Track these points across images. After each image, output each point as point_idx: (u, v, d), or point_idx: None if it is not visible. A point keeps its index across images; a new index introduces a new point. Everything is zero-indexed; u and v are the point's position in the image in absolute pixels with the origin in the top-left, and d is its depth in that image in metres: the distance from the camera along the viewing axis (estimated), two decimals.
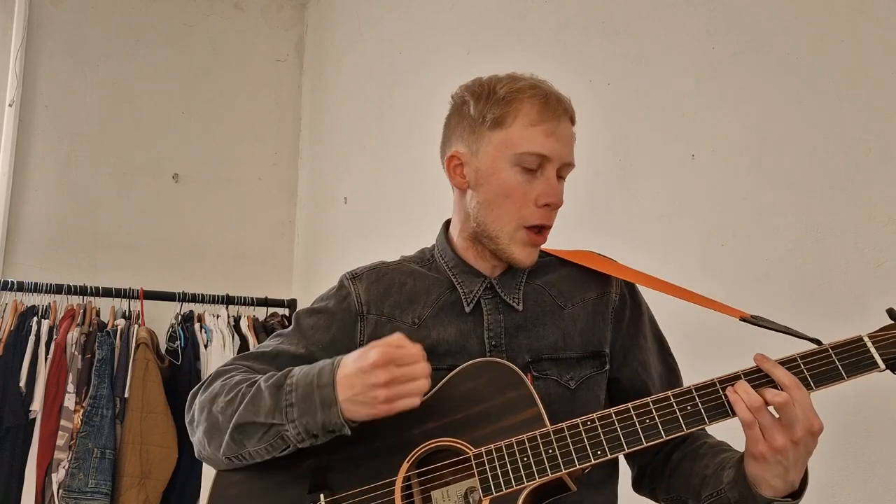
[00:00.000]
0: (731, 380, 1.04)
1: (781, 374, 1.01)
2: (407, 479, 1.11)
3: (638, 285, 1.31)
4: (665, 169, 2.07)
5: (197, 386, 1.26)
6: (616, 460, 1.26)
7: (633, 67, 2.20)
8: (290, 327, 1.29)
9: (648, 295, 1.32)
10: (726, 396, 1.03)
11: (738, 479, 1.06)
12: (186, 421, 1.25)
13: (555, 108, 1.18)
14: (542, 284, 1.25)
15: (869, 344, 1.02)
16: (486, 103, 1.19)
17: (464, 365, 1.15)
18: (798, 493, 1.05)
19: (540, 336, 1.21)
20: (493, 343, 1.20)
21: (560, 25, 2.45)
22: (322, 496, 1.12)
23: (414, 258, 1.32)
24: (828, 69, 1.72)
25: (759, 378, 1.03)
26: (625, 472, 1.29)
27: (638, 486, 1.31)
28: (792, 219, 1.76)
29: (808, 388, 1.01)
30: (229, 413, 1.15)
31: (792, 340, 1.11)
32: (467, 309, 1.22)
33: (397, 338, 1.08)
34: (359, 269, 1.31)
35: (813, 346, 1.05)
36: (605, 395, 1.25)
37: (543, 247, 1.29)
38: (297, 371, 1.14)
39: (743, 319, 1.17)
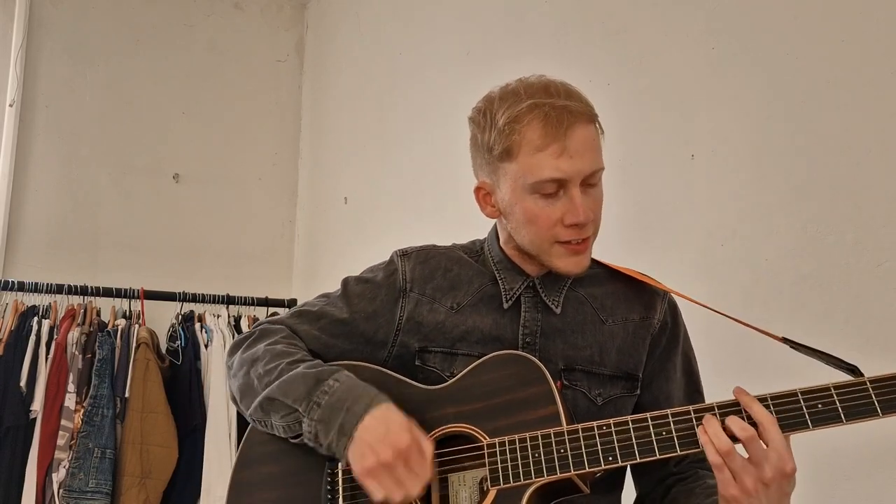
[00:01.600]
0: (729, 405, 1.03)
1: (758, 411, 1.00)
2: None
3: (680, 310, 1.29)
4: (665, 169, 2.08)
5: (241, 336, 1.30)
6: (623, 468, 1.26)
7: (633, 67, 2.20)
8: (337, 291, 1.31)
9: (689, 312, 1.30)
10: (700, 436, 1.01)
11: None
12: (226, 364, 1.30)
13: (557, 124, 1.11)
14: (586, 295, 1.25)
15: None
16: (489, 134, 1.16)
17: (490, 355, 1.16)
18: None
19: (577, 345, 1.21)
20: (527, 340, 1.21)
21: (560, 26, 2.46)
22: (340, 465, 1.16)
23: (464, 247, 1.33)
24: (828, 69, 1.72)
25: (735, 413, 1.01)
26: (629, 483, 1.29)
27: None
28: (792, 219, 1.76)
29: (839, 421, 0.98)
30: (265, 383, 1.19)
31: (825, 365, 1.08)
32: (505, 305, 1.23)
33: (429, 447, 1.09)
34: (410, 248, 1.32)
35: (848, 377, 1.02)
36: None
37: (595, 257, 1.27)
38: (342, 378, 1.16)
39: (785, 341, 1.15)
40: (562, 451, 1.06)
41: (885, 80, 1.61)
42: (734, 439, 1.00)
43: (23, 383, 2.92)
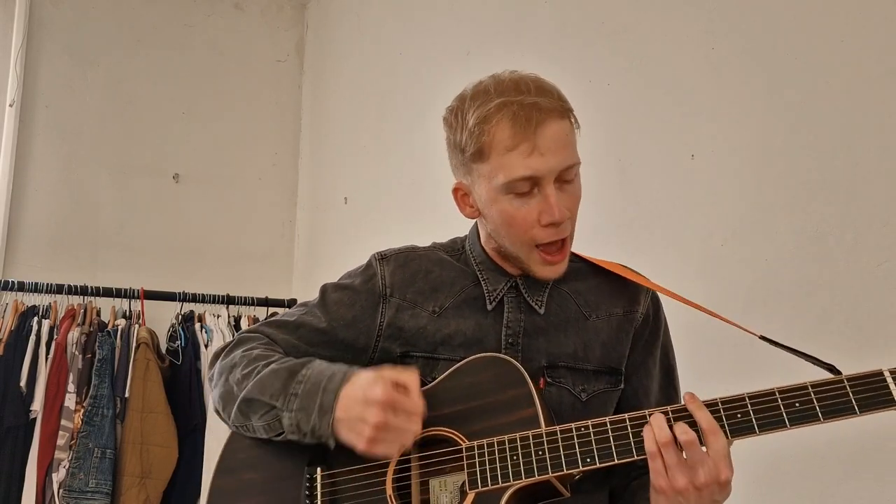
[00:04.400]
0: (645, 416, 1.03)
1: (702, 417, 0.99)
2: (406, 461, 1.13)
3: (663, 305, 1.29)
4: (665, 169, 2.08)
5: (220, 347, 1.28)
6: (608, 469, 1.26)
7: (633, 68, 2.20)
8: (315, 299, 1.29)
9: (670, 309, 1.30)
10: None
11: None
12: (207, 377, 1.29)
13: (526, 123, 1.09)
14: (570, 291, 1.24)
15: (889, 379, 0.95)
16: (461, 135, 1.14)
17: (470, 358, 1.15)
18: None
19: (560, 342, 1.20)
20: (509, 341, 1.20)
21: (560, 26, 2.46)
22: (319, 470, 1.16)
23: (444, 246, 1.31)
24: (827, 69, 1.72)
25: (683, 417, 1.01)
26: None
27: None
28: (792, 219, 1.76)
29: (816, 420, 0.97)
30: (243, 387, 1.18)
31: (806, 362, 1.08)
32: (489, 307, 1.22)
33: (410, 379, 1.08)
34: (388, 250, 1.30)
35: (828, 375, 1.01)
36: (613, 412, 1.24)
37: (577, 251, 1.27)
38: (315, 365, 1.15)
39: (762, 339, 1.15)
40: (540, 453, 1.05)
41: (885, 80, 1.61)
42: (677, 444, 1.00)
43: (23, 383, 2.91)
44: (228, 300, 3.51)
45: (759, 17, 1.89)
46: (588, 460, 1.03)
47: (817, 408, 0.97)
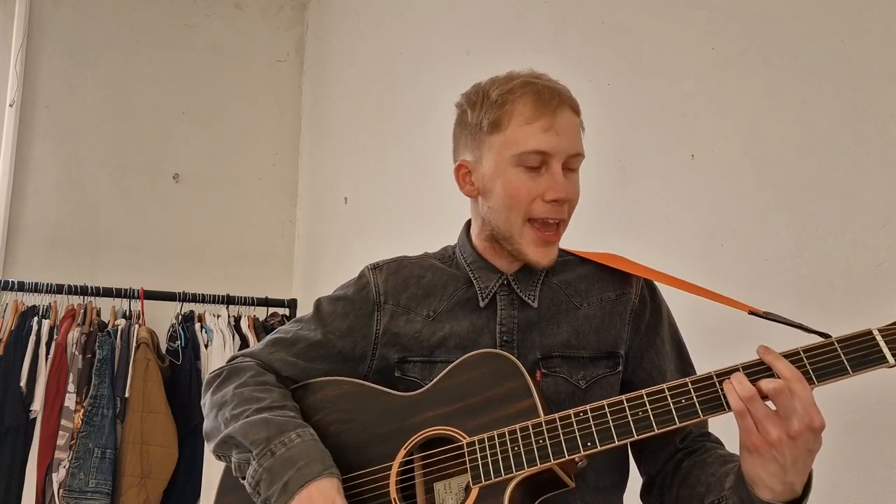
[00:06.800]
0: (729, 373, 1.01)
1: (783, 366, 0.97)
2: (409, 463, 1.13)
3: (658, 287, 1.30)
4: (665, 169, 2.08)
5: (214, 373, 1.29)
6: (626, 467, 1.26)
7: (633, 68, 2.20)
8: (310, 313, 1.31)
9: (665, 292, 1.31)
10: (722, 388, 1.00)
11: (738, 482, 1.03)
12: (201, 404, 1.30)
13: (548, 101, 1.16)
14: (559, 283, 1.25)
15: (879, 338, 0.97)
16: (481, 109, 1.20)
17: (465, 356, 1.16)
18: (799, 499, 0.99)
19: (553, 333, 1.21)
20: (504, 339, 1.20)
21: (560, 26, 2.46)
22: None
23: (436, 254, 1.34)
24: (828, 69, 1.72)
25: (758, 372, 1.00)
26: (633, 480, 1.28)
27: (647, 495, 1.28)
28: (792, 219, 1.76)
29: (811, 382, 0.97)
30: (230, 425, 1.19)
31: (801, 334, 1.09)
32: (482, 304, 1.22)
33: None
34: (381, 261, 1.33)
35: (820, 340, 1.02)
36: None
37: (565, 247, 1.29)
38: (305, 435, 1.15)
39: (752, 313, 1.15)
40: (541, 441, 1.05)
41: (885, 80, 1.61)
42: (762, 397, 0.98)
43: (23, 383, 2.92)
44: (228, 300, 3.51)
45: (759, 17, 1.89)
46: (588, 444, 1.03)
47: (811, 371, 0.98)
